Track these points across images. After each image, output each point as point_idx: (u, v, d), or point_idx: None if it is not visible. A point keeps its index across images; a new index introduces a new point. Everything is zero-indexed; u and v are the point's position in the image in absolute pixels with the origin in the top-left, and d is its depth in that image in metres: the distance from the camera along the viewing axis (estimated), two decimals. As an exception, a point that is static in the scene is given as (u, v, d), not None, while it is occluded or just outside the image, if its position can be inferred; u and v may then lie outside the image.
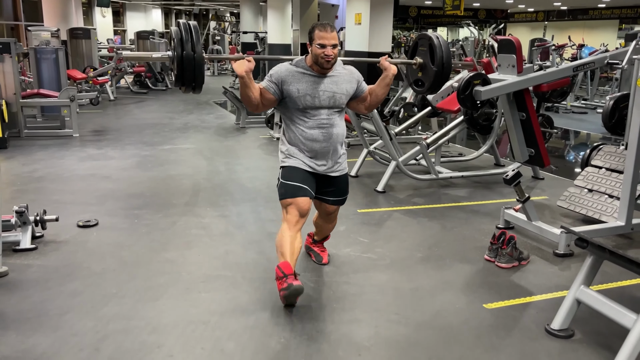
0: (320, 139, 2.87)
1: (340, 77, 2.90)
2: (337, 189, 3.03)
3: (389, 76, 2.99)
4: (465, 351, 2.46)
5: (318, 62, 2.79)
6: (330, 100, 2.86)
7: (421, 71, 3.46)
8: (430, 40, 3.35)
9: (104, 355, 2.37)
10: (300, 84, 2.82)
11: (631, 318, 2.32)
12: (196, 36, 2.85)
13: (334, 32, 2.79)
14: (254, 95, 2.80)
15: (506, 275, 3.28)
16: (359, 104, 3.06)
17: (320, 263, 3.32)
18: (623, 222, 3.72)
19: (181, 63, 2.82)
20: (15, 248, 3.46)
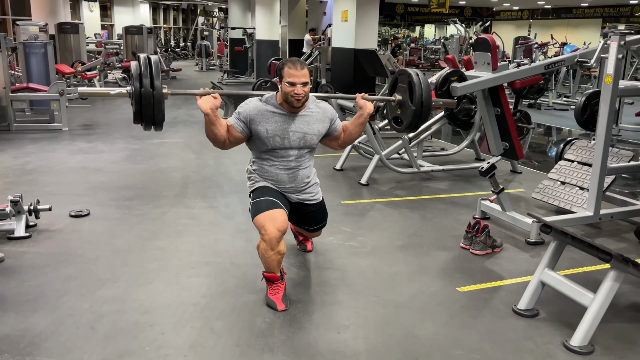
0: (285, 180, 2.83)
1: (312, 117, 2.80)
2: (314, 218, 3.03)
3: (364, 115, 2.91)
4: (438, 328, 2.65)
5: (288, 101, 2.69)
6: (301, 141, 2.77)
7: (400, 108, 3.34)
8: (410, 77, 3.23)
9: (100, 333, 2.52)
10: (269, 124, 2.72)
11: (589, 297, 2.52)
12: (156, 71, 2.74)
13: (305, 70, 2.68)
14: (219, 132, 2.69)
15: (480, 261, 3.48)
16: (331, 142, 2.99)
17: (305, 251, 3.45)
18: (591, 213, 3.93)
19: (139, 100, 2.71)
20: (10, 236, 3.59)
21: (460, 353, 2.45)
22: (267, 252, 2.67)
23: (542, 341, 2.56)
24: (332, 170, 5.64)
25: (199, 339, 2.49)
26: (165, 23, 31.73)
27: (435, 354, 2.43)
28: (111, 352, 2.37)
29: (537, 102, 11.41)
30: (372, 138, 5.11)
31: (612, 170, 4.00)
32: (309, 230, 3.15)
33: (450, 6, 19.77)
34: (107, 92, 2.94)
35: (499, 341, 2.55)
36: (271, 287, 2.82)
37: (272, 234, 2.63)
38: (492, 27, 23.53)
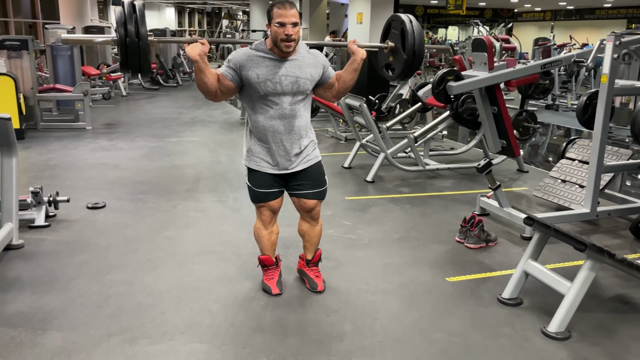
0: (282, 131, 2.67)
1: (303, 61, 2.67)
2: (311, 181, 2.81)
3: (357, 60, 2.79)
4: (422, 314, 2.79)
5: (278, 44, 2.56)
6: (294, 85, 2.64)
7: (392, 55, 3.23)
8: (403, 24, 3.08)
9: (106, 312, 2.73)
10: (259, 69, 2.59)
11: (566, 285, 2.63)
12: (141, 18, 2.63)
13: (294, 10, 2.56)
14: (210, 81, 2.59)
15: (473, 254, 3.59)
16: (326, 91, 2.86)
17: (315, 290, 2.96)
18: (588, 210, 4.00)
19: (125, 49, 2.62)
20: (31, 225, 3.84)
21: (440, 337, 2.58)
22: (261, 232, 2.88)
23: (521, 327, 2.67)
24: (341, 168, 5.80)
25: (196, 319, 2.68)
26: (191, 26, 32.32)
27: (417, 337, 2.57)
28: (115, 328, 2.57)
29: (555, 104, 11.38)
30: (377, 137, 5.25)
31: (609, 168, 4.06)
32: (307, 197, 2.82)
33: (470, 8, 19.76)
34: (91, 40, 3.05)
35: (480, 327, 2.68)
36: (266, 273, 2.99)
37: (266, 217, 2.86)
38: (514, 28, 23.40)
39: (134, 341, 2.47)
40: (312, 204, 2.86)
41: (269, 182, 2.78)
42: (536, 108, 11.35)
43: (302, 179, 2.80)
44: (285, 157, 2.72)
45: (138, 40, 2.61)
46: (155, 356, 2.37)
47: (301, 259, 3.09)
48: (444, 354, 2.44)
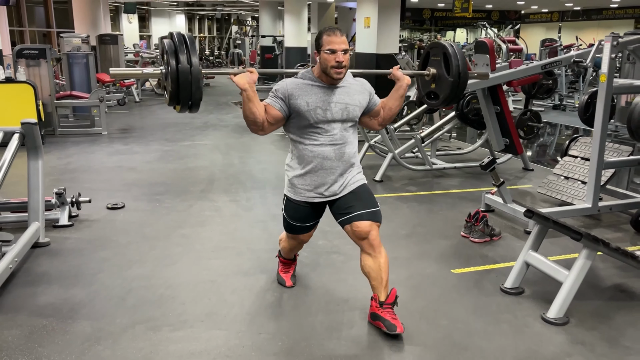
0: (332, 157, 2.60)
1: (351, 88, 2.65)
2: (361, 201, 2.62)
3: (402, 87, 2.75)
4: (427, 303, 2.93)
5: (328, 72, 2.52)
6: (344, 112, 2.60)
7: (434, 83, 3.23)
8: (445, 49, 3.11)
9: (129, 303, 2.91)
10: (309, 97, 2.55)
11: (564, 274, 2.77)
12: (192, 47, 2.56)
13: (344, 37, 2.54)
14: (258, 111, 2.51)
15: (477, 248, 3.74)
16: (372, 119, 2.81)
17: (394, 332, 2.55)
18: (590, 205, 4.13)
19: (176, 79, 2.49)
20: (55, 224, 4.04)
21: (445, 323, 2.73)
22: (287, 250, 3.06)
23: (522, 314, 2.81)
24: (350, 168, 5.95)
25: (214, 309, 2.85)
26: (201, 32, 32.69)
27: (422, 323, 2.72)
28: (139, 317, 2.75)
29: (562, 104, 11.46)
30: (385, 137, 5.41)
31: (609, 164, 4.18)
32: (361, 219, 2.59)
33: (477, 10, 19.87)
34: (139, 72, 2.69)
35: (482, 314, 2.82)
36: (283, 266, 3.17)
37: (296, 244, 2.97)
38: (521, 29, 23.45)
39: (157, 329, 2.65)
40: (366, 226, 2.58)
41: (306, 216, 2.74)
42: (543, 108, 11.46)
43: (351, 200, 2.64)
44: (333, 183, 2.63)
45: (190, 72, 2.49)
46: (178, 342, 2.54)
47: (374, 301, 2.68)
48: (447, 338, 2.59)
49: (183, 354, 2.44)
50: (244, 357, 2.42)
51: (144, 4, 24.60)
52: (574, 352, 2.48)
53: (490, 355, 2.45)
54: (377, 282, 2.64)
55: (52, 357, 2.40)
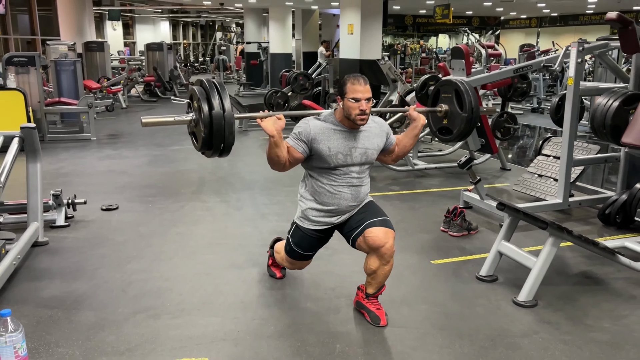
0: (349, 198, 2.69)
1: (371, 132, 2.71)
2: (371, 212, 2.73)
3: (418, 127, 2.85)
4: (409, 290, 3.16)
5: (352, 119, 2.57)
6: (363, 156, 2.67)
7: (447, 119, 3.33)
8: (457, 86, 3.23)
9: (129, 294, 3.09)
10: (331, 142, 2.60)
11: (533, 260, 3.01)
12: (224, 93, 2.55)
13: (368, 85, 2.59)
14: (283, 154, 2.56)
15: (455, 241, 3.98)
16: (386, 156, 2.90)
17: (378, 325, 2.74)
18: (561, 200, 4.39)
19: (209, 124, 2.48)
20: (52, 225, 4.20)
21: (425, 307, 2.95)
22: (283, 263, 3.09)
23: (495, 299, 3.05)
24: (335, 170, 6.17)
25: (210, 298, 3.05)
26: (185, 39, 32.78)
27: (404, 308, 2.94)
28: (139, 307, 2.93)
29: (540, 107, 11.83)
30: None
31: (578, 162, 4.46)
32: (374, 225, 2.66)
33: (458, 16, 20.29)
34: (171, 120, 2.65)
35: (459, 299, 3.05)
36: (274, 261, 3.32)
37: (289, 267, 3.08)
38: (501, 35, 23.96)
39: (157, 317, 2.83)
40: (381, 234, 2.63)
41: (311, 246, 2.84)
42: (522, 112, 11.82)
43: (361, 214, 2.73)
44: (345, 213, 2.73)
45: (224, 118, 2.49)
46: (177, 327, 2.73)
47: (360, 291, 2.88)
48: (426, 320, 2.81)
49: (182, 338, 2.63)
50: (239, 340, 2.62)
51: (128, 11, 24.68)
52: (541, 330, 2.71)
53: (465, 334, 2.67)
54: (375, 282, 2.77)
55: (60, 342, 2.58)
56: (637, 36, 3.28)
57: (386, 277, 2.76)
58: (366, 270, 2.77)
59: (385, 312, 2.80)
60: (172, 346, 2.56)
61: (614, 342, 2.61)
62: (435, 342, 2.61)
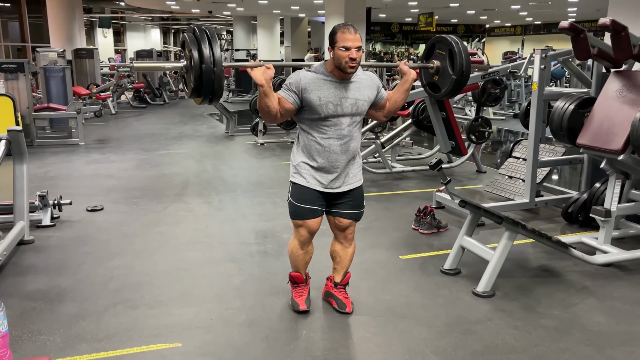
0: (338, 151, 2.70)
1: (361, 83, 2.73)
2: (352, 201, 2.85)
3: (408, 81, 2.85)
4: (376, 282, 3.34)
5: (342, 67, 2.60)
6: (353, 107, 2.69)
7: (437, 75, 3.28)
8: (451, 46, 3.14)
9: (111, 288, 3.25)
10: (321, 91, 2.63)
11: (491, 254, 3.21)
12: (214, 42, 2.57)
13: (358, 34, 2.62)
14: (273, 104, 2.60)
15: (425, 238, 4.17)
16: (377, 111, 2.90)
17: (343, 311, 2.93)
18: (527, 200, 4.60)
19: (200, 75, 2.53)
20: (38, 225, 4.35)
21: (389, 298, 3.14)
22: (297, 251, 2.88)
23: (456, 290, 3.24)
24: (316, 173, 6.36)
25: (187, 290, 3.22)
26: (176, 46, 32.95)
27: (369, 298, 3.13)
28: (119, 299, 3.10)
29: (518, 113, 12.12)
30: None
31: (544, 164, 4.67)
32: (343, 216, 2.86)
33: (443, 24, 20.64)
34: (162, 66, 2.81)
35: (422, 290, 3.24)
36: (296, 289, 2.98)
37: (304, 237, 2.84)
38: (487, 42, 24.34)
39: (136, 307, 3.00)
40: (347, 223, 2.87)
41: (312, 199, 2.77)
42: (504, 117, 12.10)
43: (344, 198, 2.82)
44: (336, 176, 2.75)
45: (214, 65, 2.52)
46: (154, 317, 2.89)
47: (329, 281, 3.06)
48: (389, 310, 3.00)
49: (159, 326, 2.80)
50: (211, 327, 2.79)
51: (119, 19, 24.85)
52: (495, 317, 2.91)
53: (425, 321, 2.86)
54: (340, 266, 2.98)
55: (43, 331, 2.73)
56: (589, 43, 3.50)
57: (350, 261, 2.99)
58: (332, 254, 3.01)
59: (351, 302, 2.99)
60: (148, 333, 2.72)
61: (562, 328, 2.80)
62: (395, 328, 2.80)
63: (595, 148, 3.56)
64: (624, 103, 3.48)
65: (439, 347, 2.62)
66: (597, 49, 3.50)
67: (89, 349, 2.57)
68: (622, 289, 3.27)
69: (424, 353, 2.56)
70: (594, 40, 3.58)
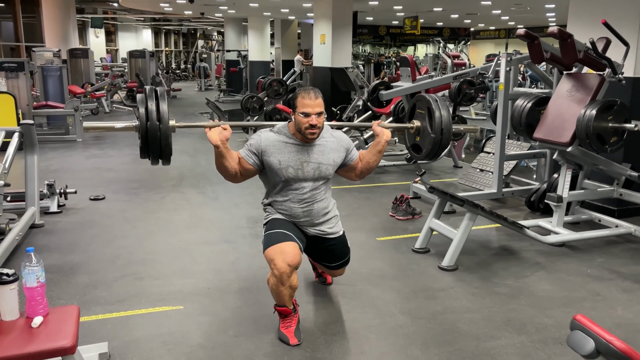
0: (300, 214, 2.68)
1: (326, 146, 2.67)
2: (334, 253, 2.85)
3: (381, 142, 2.77)
4: (354, 260, 3.63)
5: (302, 132, 2.57)
6: (315, 171, 2.63)
7: (418, 135, 3.15)
8: (429, 104, 3.02)
9: (118, 263, 3.65)
10: (282, 155, 2.59)
11: (455, 233, 3.65)
12: (163, 104, 2.55)
13: (319, 99, 2.56)
14: (230, 165, 2.56)
15: (400, 223, 4.61)
16: (348, 172, 2.86)
17: (325, 284, 3.27)
18: (495, 190, 5.05)
19: (145, 135, 2.53)
20: (46, 211, 4.73)
21: (365, 271, 3.57)
22: (277, 287, 2.53)
23: (424, 265, 3.68)
24: (304, 167, 6.79)
25: (186, 266, 3.63)
26: (167, 46, 33.25)
27: (349, 272, 3.50)
28: (126, 272, 3.50)
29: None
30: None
31: (510, 157, 5.13)
32: (329, 267, 2.95)
33: (428, 27, 21.18)
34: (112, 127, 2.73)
35: (394, 265, 3.68)
36: (283, 321, 2.70)
37: (281, 269, 2.47)
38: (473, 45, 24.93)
39: (141, 279, 3.41)
40: (338, 272, 3.02)
41: (289, 227, 2.66)
42: (485, 117, 12.59)
43: (326, 252, 2.85)
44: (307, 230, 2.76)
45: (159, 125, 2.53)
46: (158, 286, 3.30)
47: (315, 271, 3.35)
48: (365, 280, 3.43)
49: (163, 293, 3.20)
50: (209, 294, 3.20)
51: (111, 19, 25.11)
52: (456, 286, 3.35)
53: (394, 289, 3.29)
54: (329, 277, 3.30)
55: (62, 297, 3.13)
56: (542, 49, 3.95)
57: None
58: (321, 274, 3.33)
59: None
60: (154, 299, 3.13)
61: (512, 294, 3.25)
62: (369, 294, 3.23)
63: (548, 141, 4.02)
64: (572, 101, 3.95)
65: (405, 308, 3.05)
66: (550, 54, 3.96)
67: (103, 310, 2.98)
68: (570, 264, 3.73)
69: (392, 313, 3.00)
70: (547, 45, 4.03)
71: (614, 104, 3.69)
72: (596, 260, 3.79)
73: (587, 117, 3.65)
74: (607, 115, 3.67)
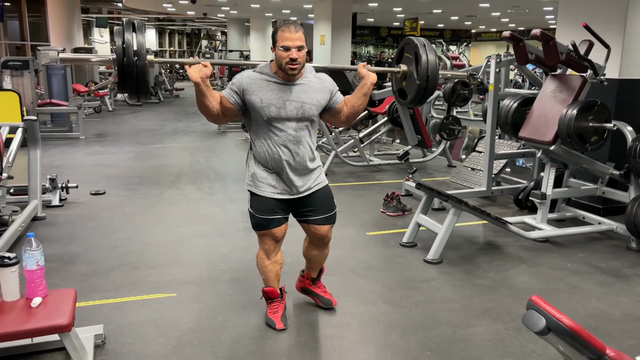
0: (287, 157, 2.57)
1: (310, 85, 2.58)
2: (320, 207, 2.73)
3: (367, 85, 2.65)
4: (343, 252, 3.91)
5: (282, 68, 2.47)
6: (299, 111, 2.54)
7: (405, 80, 3.01)
8: (416, 48, 2.85)
9: (115, 254, 3.80)
10: (263, 93, 2.50)
11: (440, 227, 3.78)
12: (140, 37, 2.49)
13: (300, 32, 2.46)
14: (212, 104, 2.49)
15: (391, 219, 4.75)
16: (333, 117, 2.74)
17: (330, 306, 3.00)
18: (485, 188, 5.18)
19: (122, 70, 2.47)
20: (48, 205, 4.89)
21: (353, 263, 3.71)
22: (263, 262, 2.71)
23: (410, 258, 3.82)
24: (300, 165, 6.93)
25: (181, 256, 3.77)
26: (171, 46, 33.46)
27: (336, 263, 3.69)
28: (123, 262, 3.65)
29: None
30: (328, 137, 6.41)
31: (500, 156, 5.26)
32: (316, 223, 2.76)
33: (429, 29, 21.31)
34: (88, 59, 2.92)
35: (382, 258, 3.81)
36: (270, 306, 2.82)
37: (269, 246, 2.71)
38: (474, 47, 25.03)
39: (137, 268, 3.55)
40: (324, 230, 2.78)
41: (272, 208, 2.64)
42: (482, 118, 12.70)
43: (310, 204, 2.70)
44: (290, 183, 2.63)
45: (136, 61, 2.46)
46: (153, 275, 3.45)
47: (304, 278, 3.06)
48: (352, 272, 3.57)
49: (157, 281, 3.35)
50: (201, 283, 3.35)
51: (116, 19, 25.32)
52: (439, 278, 3.48)
53: (380, 281, 3.43)
54: (316, 265, 3.00)
55: (61, 284, 3.28)
56: (527, 50, 4.08)
57: (324, 259, 3.00)
58: (307, 256, 2.98)
59: (330, 294, 3.08)
60: (149, 287, 3.28)
61: (492, 285, 3.38)
62: (355, 284, 3.37)
63: (533, 140, 4.15)
64: (556, 102, 4.08)
65: (389, 298, 3.19)
66: (535, 55, 4.09)
67: (100, 297, 3.13)
68: (551, 258, 3.86)
69: (376, 301, 3.14)
70: (532, 47, 4.16)
71: (594, 105, 3.81)
72: (577, 256, 3.92)
73: (569, 116, 3.78)
74: (588, 115, 3.80)
